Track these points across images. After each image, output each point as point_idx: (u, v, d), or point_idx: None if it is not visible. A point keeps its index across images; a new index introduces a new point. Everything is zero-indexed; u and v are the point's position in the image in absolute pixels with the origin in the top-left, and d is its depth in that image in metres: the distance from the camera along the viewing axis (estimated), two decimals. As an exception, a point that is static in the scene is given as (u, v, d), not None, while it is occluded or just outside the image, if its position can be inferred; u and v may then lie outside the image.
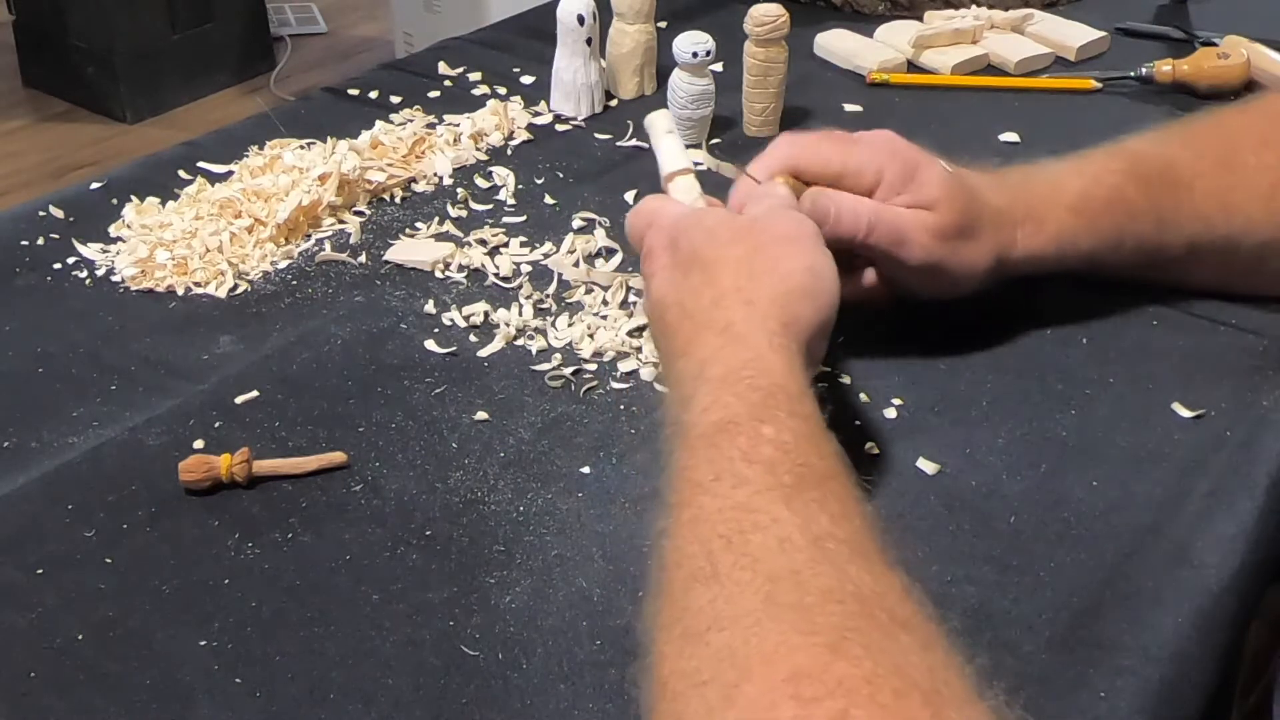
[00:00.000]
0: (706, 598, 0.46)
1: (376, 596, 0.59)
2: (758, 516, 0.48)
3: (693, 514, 0.50)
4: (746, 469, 0.50)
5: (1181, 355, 0.74)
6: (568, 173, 0.95)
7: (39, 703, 0.54)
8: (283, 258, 0.84)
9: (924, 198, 0.70)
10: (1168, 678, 0.55)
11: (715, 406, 0.53)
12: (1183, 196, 0.74)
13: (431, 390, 0.72)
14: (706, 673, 0.43)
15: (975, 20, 1.14)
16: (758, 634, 0.43)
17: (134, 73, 2.89)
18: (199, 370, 0.74)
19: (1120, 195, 0.72)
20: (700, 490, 0.50)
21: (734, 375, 0.54)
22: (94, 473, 0.66)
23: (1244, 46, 1.06)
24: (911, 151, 0.71)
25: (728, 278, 0.60)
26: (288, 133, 0.97)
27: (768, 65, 0.97)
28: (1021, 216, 0.72)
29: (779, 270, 0.60)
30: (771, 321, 0.58)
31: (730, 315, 0.58)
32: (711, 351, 0.57)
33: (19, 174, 2.74)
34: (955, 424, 0.69)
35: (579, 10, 0.99)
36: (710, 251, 0.61)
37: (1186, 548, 0.61)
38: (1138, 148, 0.75)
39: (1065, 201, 0.72)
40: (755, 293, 0.59)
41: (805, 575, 0.45)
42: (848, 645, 0.42)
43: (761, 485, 0.49)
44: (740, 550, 0.47)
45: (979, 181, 0.72)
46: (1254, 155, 0.75)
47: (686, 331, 0.59)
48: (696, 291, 0.60)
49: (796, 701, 0.41)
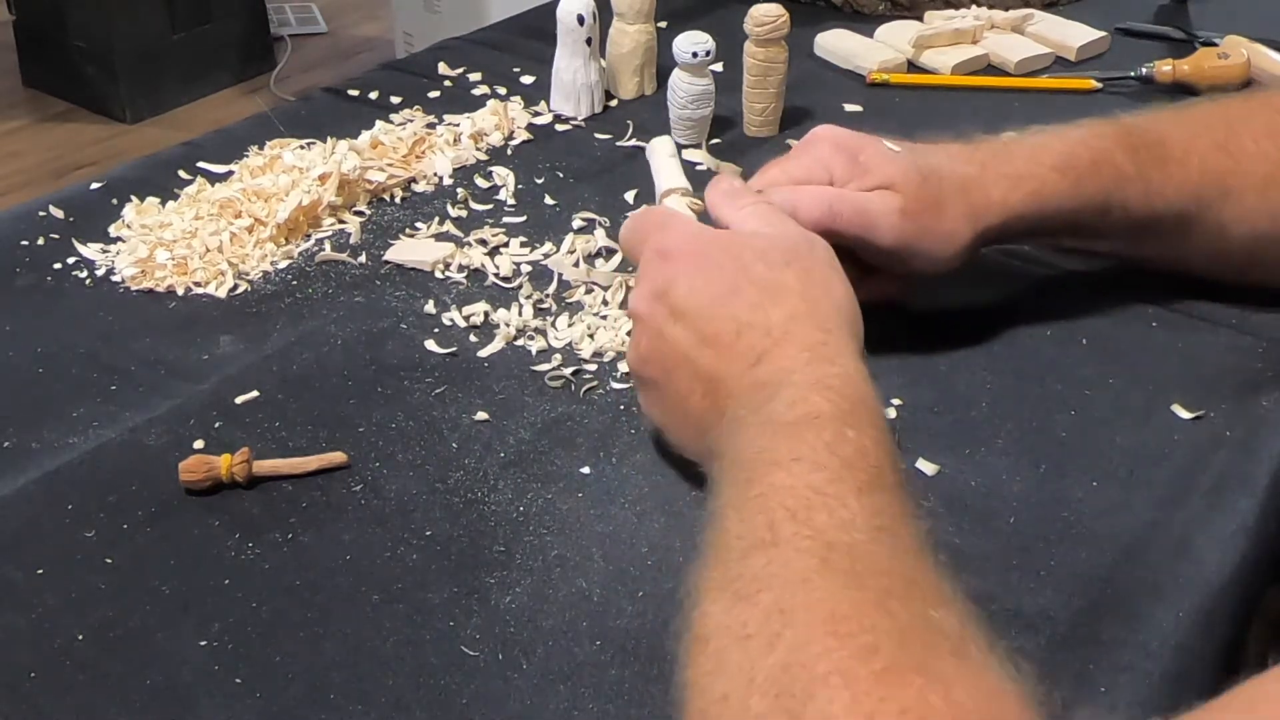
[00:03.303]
0: (762, 562, 0.47)
1: (376, 596, 0.59)
2: (827, 499, 0.49)
3: (762, 489, 0.51)
4: (826, 458, 0.51)
5: (1181, 355, 0.74)
6: (568, 173, 0.95)
7: (39, 703, 0.54)
8: (283, 258, 0.84)
9: (878, 179, 0.70)
10: (1169, 674, 0.55)
11: (802, 403, 0.54)
12: (1174, 169, 0.73)
13: (431, 390, 0.72)
14: (752, 627, 0.45)
15: (975, 20, 1.14)
16: (805, 589, 0.46)
17: (134, 73, 2.89)
18: (199, 370, 0.74)
19: (1108, 159, 0.72)
20: (776, 468, 0.51)
21: (822, 383, 0.55)
22: (94, 473, 0.66)
23: (1244, 46, 1.06)
24: (852, 139, 0.71)
25: (795, 300, 0.60)
26: (288, 133, 0.97)
27: (768, 65, 0.97)
28: (994, 177, 0.71)
29: (833, 296, 0.61)
30: (852, 345, 0.59)
31: (813, 336, 0.58)
32: (797, 364, 0.57)
33: (19, 174, 2.74)
34: (955, 424, 0.69)
35: (579, 10, 0.99)
36: (765, 271, 0.61)
37: (1186, 544, 0.61)
38: (1130, 120, 0.75)
39: (1049, 161, 0.71)
40: (826, 320, 0.59)
41: (860, 550, 0.47)
42: (889, 603, 0.45)
43: (836, 475, 0.51)
44: (804, 522, 0.48)
45: (941, 154, 0.72)
46: (1253, 143, 0.74)
47: (756, 344, 0.59)
48: (758, 307, 0.59)
49: (832, 636, 0.43)
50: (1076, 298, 0.77)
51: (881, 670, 0.42)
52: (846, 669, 0.42)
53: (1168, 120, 0.76)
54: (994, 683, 0.43)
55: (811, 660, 0.43)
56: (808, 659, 0.43)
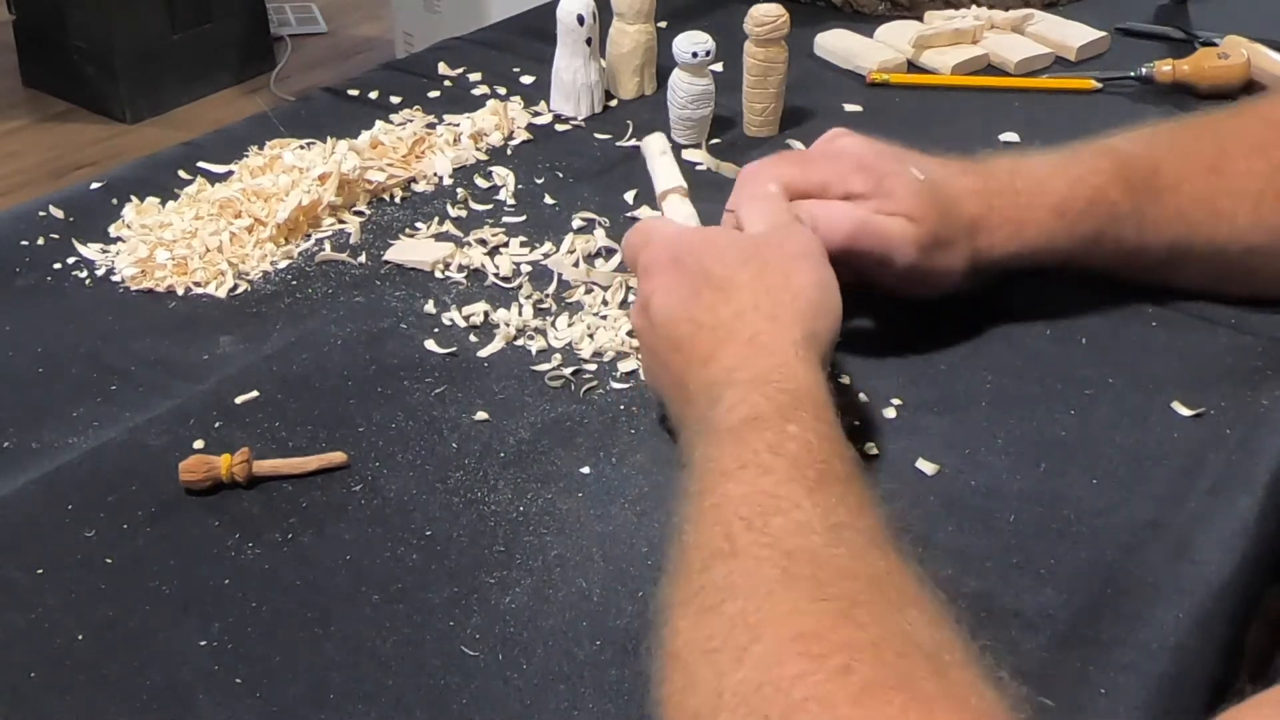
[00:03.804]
0: (723, 572, 0.47)
1: (376, 596, 0.59)
2: (780, 502, 0.49)
3: (715, 500, 0.51)
4: (771, 460, 0.51)
5: (1181, 355, 0.74)
6: (568, 173, 0.95)
7: (39, 703, 0.54)
8: (283, 258, 0.84)
9: (900, 207, 0.70)
10: (1168, 674, 0.55)
11: (743, 405, 0.54)
12: (1167, 200, 0.73)
13: (431, 390, 0.72)
14: (718, 639, 0.45)
15: (975, 20, 1.14)
16: (770, 601, 0.45)
17: (134, 73, 2.89)
18: (199, 370, 0.74)
19: (1103, 197, 0.72)
20: (725, 478, 0.51)
21: (761, 378, 0.55)
22: (94, 473, 0.66)
23: (1244, 46, 1.06)
24: (878, 161, 0.71)
25: (745, 295, 0.60)
26: (288, 133, 0.97)
27: (768, 65, 0.97)
28: (999, 221, 0.72)
29: (791, 287, 0.61)
30: (795, 333, 0.59)
31: (754, 328, 0.59)
32: (738, 360, 0.57)
33: (19, 174, 2.74)
34: (955, 424, 0.69)
35: (579, 10, 0.99)
36: (722, 270, 0.62)
37: (1186, 544, 0.61)
38: (1126, 149, 0.75)
39: (1048, 203, 0.72)
40: (775, 309, 0.60)
41: (821, 555, 0.47)
42: (857, 613, 0.44)
43: (785, 476, 0.50)
44: (760, 530, 0.48)
45: (956, 185, 0.72)
46: (1244, 161, 0.74)
47: (706, 343, 0.59)
48: (711, 307, 0.60)
49: (804, 657, 0.42)
50: (1076, 298, 0.77)
51: (859, 691, 0.41)
52: (823, 694, 0.41)
53: (1162, 145, 0.76)
54: (975, 698, 0.42)
55: (786, 684, 0.42)
56: (781, 681, 0.42)
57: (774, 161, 0.73)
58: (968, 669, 0.43)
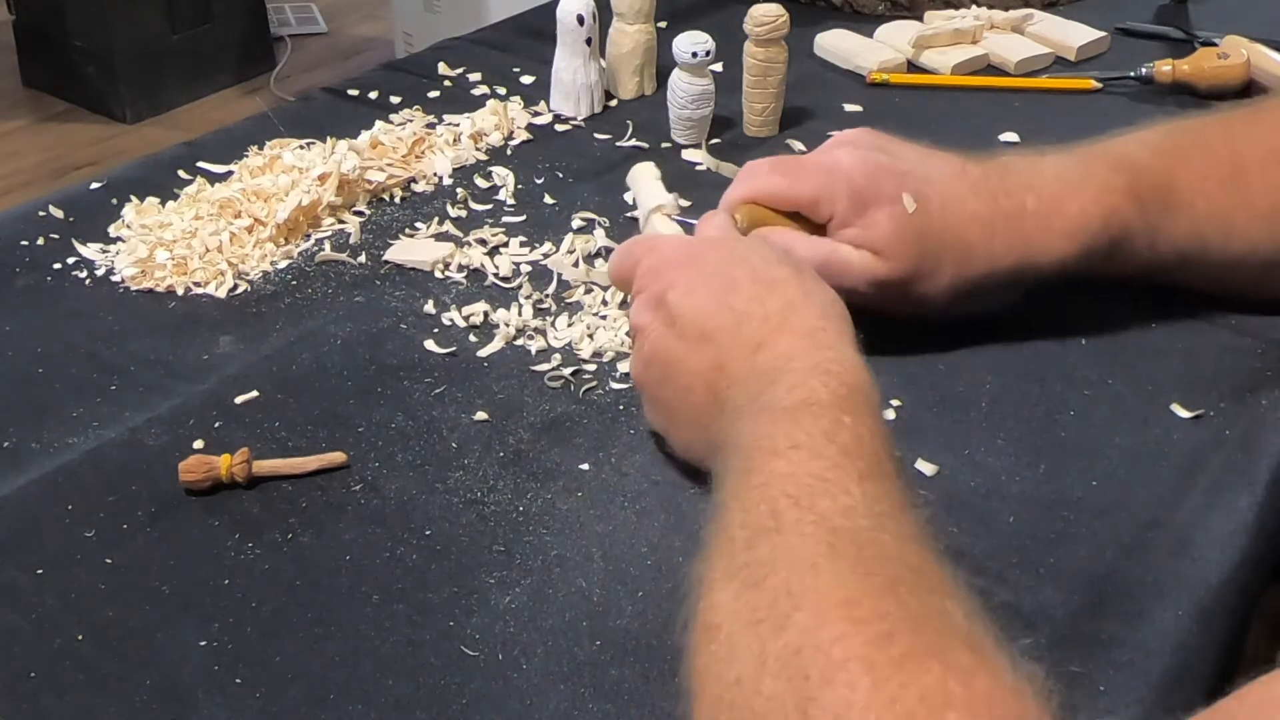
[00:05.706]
0: (767, 549, 0.48)
1: (376, 596, 0.59)
2: (828, 486, 0.50)
3: (764, 478, 0.51)
4: (824, 445, 0.51)
5: (1181, 355, 0.74)
6: (567, 173, 0.95)
7: (39, 703, 0.54)
8: (282, 258, 0.84)
9: (874, 240, 0.70)
10: (1168, 672, 0.55)
11: (801, 388, 0.54)
12: (1181, 215, 0.73)
13: (431, 390, 0.72)
14: (762, 611, 0.45)
15: (975, 20, 1.14)
16: (813, 573, 0.46)
17: (134, 73, 2.89)
18: (199, 370, 0.74)
19: (1116, 215, 0.71)
20: (775, 456, 0.51)
21: (821, 368, 0.56)
22: (94, 473, 0.66)
23: (1244, 46, 1.06)
24: (873, 186, 0.70)
25: (791, 289, 0.61)
26: (288, 133, 0.97)
27: (768, 65, 0.97)
28: (1002, 249, 0.71)
29: (826, 292, 0.62)
30: (847, 330, 0.60)
31: (810, 322, 0.59)
32: (795, 349, 0.57)
33: (19, 174, 2.74)
34: (954, 424, 0.69)
35: (579, 10, 0.99)
36: (762, 264, 0.62)
37: (1186, 542, 0.61)
38: (1140, 159, 0.73)
39: (1060, 228, 0.71)
40: (824, 306, 0.60)
41: (865, 537, 0.48)
42: (900, 591, 0.45)
43: (834, 462, 0.51)
44: (806, 508, 0.49)
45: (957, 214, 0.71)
46: (1260, 174, 0.73)
47: (755, 332, 0.59)
48: (757, 299, 0.60)
49: (846, 621, 0.43)
50: (1076, 298, 0.77)
51: (900, 656, 0.42)
52: (864, 655, 0.42)
53: (1176, 156, 0.74)
54: (1011, 677, 0.43)
55: (826, 644, 0.43)
56: (822, 643, 0.43)
57: (768, 168, 0.73)
58: (1002, 654, 0.44)
